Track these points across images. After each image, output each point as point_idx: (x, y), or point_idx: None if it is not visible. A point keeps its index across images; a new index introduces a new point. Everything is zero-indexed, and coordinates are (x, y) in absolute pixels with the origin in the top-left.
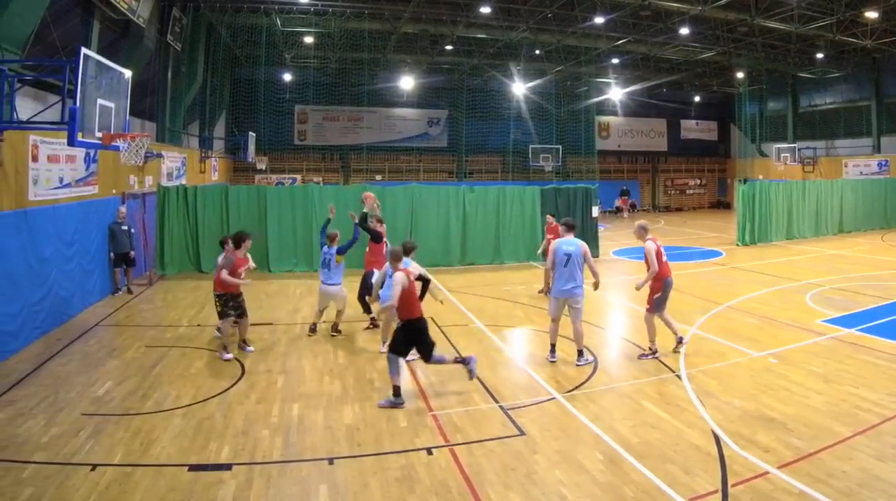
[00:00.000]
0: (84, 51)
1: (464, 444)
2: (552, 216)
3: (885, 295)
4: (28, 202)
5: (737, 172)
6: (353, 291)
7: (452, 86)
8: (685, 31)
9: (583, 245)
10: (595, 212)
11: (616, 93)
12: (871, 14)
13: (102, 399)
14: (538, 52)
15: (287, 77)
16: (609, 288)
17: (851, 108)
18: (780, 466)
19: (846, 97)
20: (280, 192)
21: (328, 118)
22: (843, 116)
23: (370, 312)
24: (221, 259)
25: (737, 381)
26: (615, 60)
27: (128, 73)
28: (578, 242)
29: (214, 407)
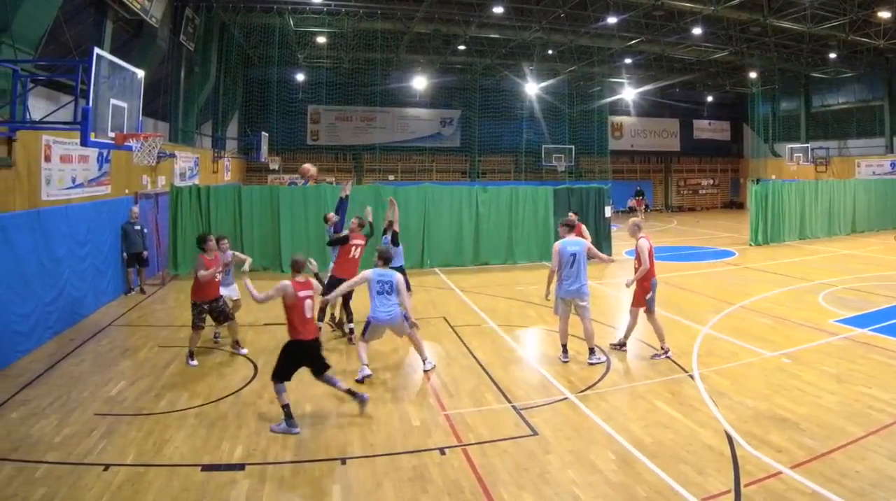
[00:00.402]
0: (97, 51)
1: (476, 444)
2: (576, 214)
3: None
4: (41, 202)
5: (749, 172)
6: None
7: (465, 86)
8: (698, 31)
9: (584, 242)
10: (608, 212)
11: (629, 93)
12: (884, 14)
13: (115, 399)
14: (551, 52)
15: (300, 77)
16: (621, 288)
17: (864, 108)
18: (793, 466)
19: (859, 97)
20: (293, 192)
21: (341, 118)
22: (856, 116)
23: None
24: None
25: (750, 381)
26: (628, 60)
27: (140, 73)
28: (580, 240)
29: (227, 407)
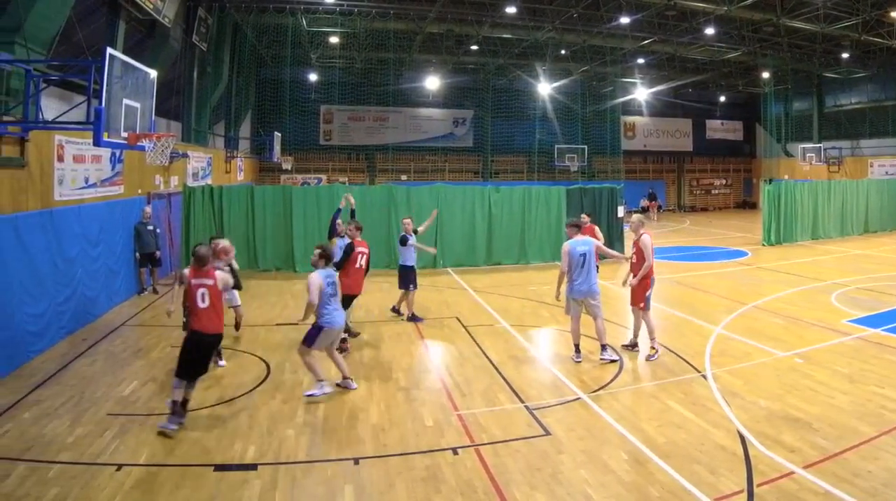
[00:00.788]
0: (110, 51)
1: (489, 444)
2: (589, 215)
3: None
4: (53, 202)
5: (762, 172)
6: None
7: (478, 86)
8: (711, 31)
9: (593, 241)
10: (620, 212)
11: (642, 93)
12: None
13: (128, 399)
14: (564, 52)
15: (312, 77)
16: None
17: (877, 108)
18: (806, 466)
19: (872, 97)
20: (306, 192)
21: (354, 118)
22: (869, 116)
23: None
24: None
25: (762, 381)
26: (641, 60)
27: (153, 73)
28: (588, 239)
29: (240, 407)
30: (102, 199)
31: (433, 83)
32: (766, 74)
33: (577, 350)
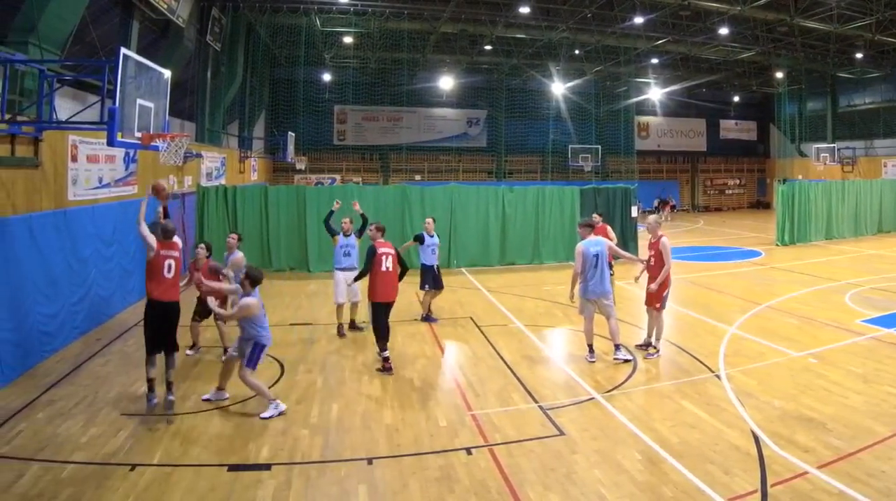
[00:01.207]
0: (124, 51)
1: (503, 444)
2: (600, 215)
3: None
4: (67, 202)
5: (776, 172)
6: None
7: (492, 86)
8: (724, 31)
9: (605, 241)
10: (634, 212)
11: (655, 93)
12: None
13: (142, 399)
14: (577, 52)
15: (326, 77)
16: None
17: (891, 108)
18: (820, 466)
19: (886, 97)
20: (319, 192)
21: (367, 118)
22: (883, 116)
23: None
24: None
25: (776, 381)
26: (655, 60)
27: (167, 73)
28: (601, 239)
29: (253, 407)
30: (116, 199)
31: (447, 83)
32: (780, 74)
33: (591, 350)
